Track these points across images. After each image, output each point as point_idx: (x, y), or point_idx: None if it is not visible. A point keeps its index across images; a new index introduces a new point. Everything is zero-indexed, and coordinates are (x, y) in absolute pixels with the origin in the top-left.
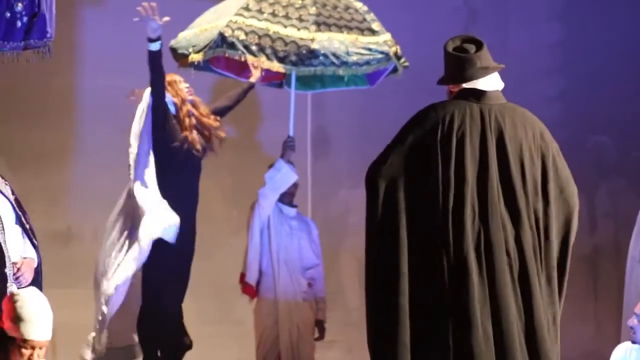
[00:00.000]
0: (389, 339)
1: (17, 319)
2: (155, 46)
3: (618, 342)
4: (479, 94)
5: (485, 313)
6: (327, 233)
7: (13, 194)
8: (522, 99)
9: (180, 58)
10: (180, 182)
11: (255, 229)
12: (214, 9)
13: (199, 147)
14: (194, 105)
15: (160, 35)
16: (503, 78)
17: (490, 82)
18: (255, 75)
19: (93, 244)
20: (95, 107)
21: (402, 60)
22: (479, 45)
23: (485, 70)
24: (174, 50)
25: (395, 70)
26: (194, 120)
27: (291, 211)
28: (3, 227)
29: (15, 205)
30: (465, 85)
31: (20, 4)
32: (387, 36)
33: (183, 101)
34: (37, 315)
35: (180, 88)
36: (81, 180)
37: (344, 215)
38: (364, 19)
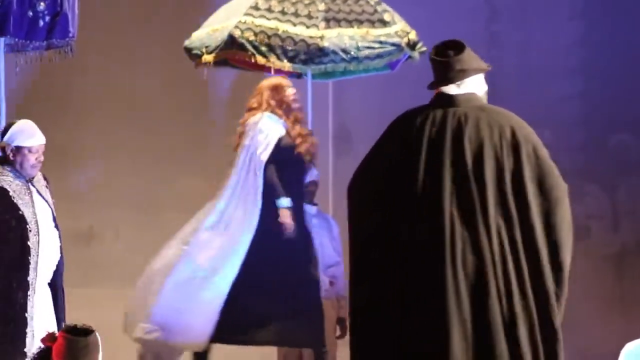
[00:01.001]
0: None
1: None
2: None
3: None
4: (446, 99)
5: (425, 311)
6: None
7: (52, 197)
8: (543, 98)
9: (195, 58)
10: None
11: None
12: (225, 7)
13: (309, 157)
14: (295, 117)
15: None
16: (524, 77)
17: (468, 86)
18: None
19: (114, 243)
20: (119, 107)
21: (419, 46)
22: (459, 49)
23: (463, 73)
24: (188, 50)
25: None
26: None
27: (312, 209)
28: (38, 230)
29: (53, 208)
30: (441, 90)
31: (42, 4)
32: (398, 26)
33: (293, 122)
34: (87, 356)
35: (287, 95)
36: (103, 180)
37: None
38: (375, 10)
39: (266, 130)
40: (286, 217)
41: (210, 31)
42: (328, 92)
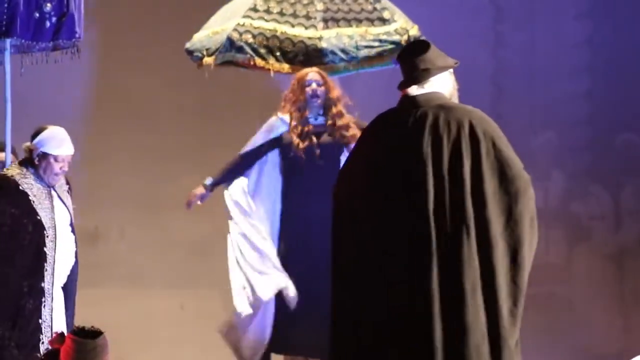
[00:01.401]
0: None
1: None
2: None
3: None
4: (409, 100)
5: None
6: None
7: (73, 202)
8: (548, 98)
9: (196, 60)
10: None
11: None
12: (225, 8)
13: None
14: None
15: None
16: (529, 77)
17: (432, 85)
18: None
19: (119, 243)
20: (122, 107)
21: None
22: (424, 48)
23: (427, 72)
24: (189, 52)
25: None
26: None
27: None
28: (56, 236)
29: (72, 214)
30: (405, 91)
31: (49, 5)
32: (398, 23)
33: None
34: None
35: (304, 92)
36: (108, 180)
37: None
38: (375, 8)
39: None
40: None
41: (211, 33)
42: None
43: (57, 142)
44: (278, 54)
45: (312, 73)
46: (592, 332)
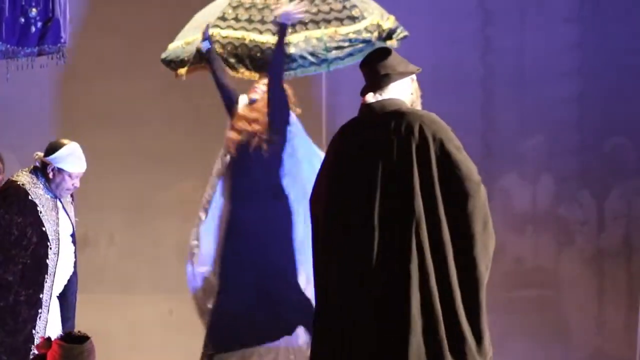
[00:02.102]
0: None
1: None
2: None
3: (627, 344)
4: (365, 108)
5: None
6: None
7: (76, 215)
8: (537, 101)
9: (172, 70)
10: None
11: None
12: (196, 17)
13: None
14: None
15: None
16: (520, 80)
17: (390, 92)
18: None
19: (109, 249)
20: (112, 112)
21: (398, 31)
22: (384, 55)
23: (386, 79)
24: (166, 63)
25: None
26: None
27: None
28: (59, 249)
29: (74, 225)
30: (364, 99)
31: (34, 9)
32: (368, 21)
33: None
34: None
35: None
36: (97, 186)
37: None
38: (344, 7)
39: None
40: None
41: (184, 44)
42: (322, 94)
43: (75, 159)
44: (248, 62)
45: None
46: (575, 336)
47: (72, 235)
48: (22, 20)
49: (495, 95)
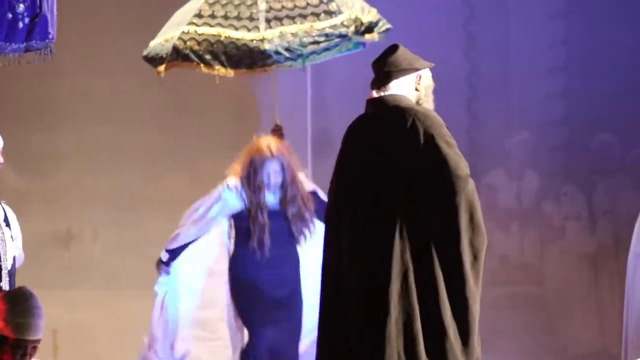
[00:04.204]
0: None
1: (9, 319)
2: None
3: (614, 339)
4: (369, 104)
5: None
6: None
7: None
8: (522, 98)
9: (153, 67)
10: None
11: None
12: (176, 14)
13: None
14: None
15: None
16: (505, 77)
17: (393, 88)
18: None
19: (93, 245)
20: (96, 107)
21: (380, 25)
22: (390, 52)
23: (390, 75)
24: (148, 60)
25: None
26: None
27: None
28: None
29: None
30: (370, 95)
31: (22, 5)
32: (345, 15)
33: None
34: (29, 315)
35: (260, 175)
36: (81, 181)
37: None
38: (321, 1)
39: None
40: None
41: (163, 41)
42: (307, 93)
43: None
44: (223, 58)
45: (269, 161)
46: (567, 332)
47: (5, 220)
48: (10, 16)
49: (481, 92)
